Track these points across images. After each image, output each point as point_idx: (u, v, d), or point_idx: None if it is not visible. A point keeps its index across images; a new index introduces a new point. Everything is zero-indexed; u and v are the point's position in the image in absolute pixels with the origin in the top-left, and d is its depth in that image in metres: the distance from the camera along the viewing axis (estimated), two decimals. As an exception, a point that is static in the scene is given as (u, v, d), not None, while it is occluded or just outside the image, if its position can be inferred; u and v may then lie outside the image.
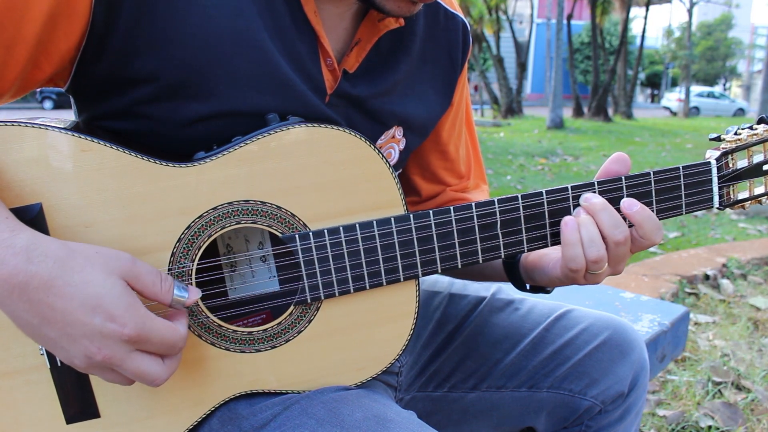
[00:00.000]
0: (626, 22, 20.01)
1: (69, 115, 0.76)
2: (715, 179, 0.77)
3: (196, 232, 0.65)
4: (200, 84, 0.65)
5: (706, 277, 3.08)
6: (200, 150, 0.66)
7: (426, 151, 0.95)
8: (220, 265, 0.74)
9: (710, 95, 34.67)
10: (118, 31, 0.62)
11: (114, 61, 0.63)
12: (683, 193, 0.77)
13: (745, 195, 0.80)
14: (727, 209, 0.80)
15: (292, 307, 0.69)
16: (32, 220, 0.60)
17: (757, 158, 0.78)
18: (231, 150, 0.65)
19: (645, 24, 20.80)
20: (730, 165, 0.78)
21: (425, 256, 0.71)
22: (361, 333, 0.72)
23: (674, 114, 29.93)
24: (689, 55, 28.10)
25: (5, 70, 0.60)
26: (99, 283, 0.55)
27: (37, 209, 0.61)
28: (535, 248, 0.75)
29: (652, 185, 0.75)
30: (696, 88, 36.21)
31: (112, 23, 0.62)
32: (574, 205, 0.74)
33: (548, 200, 0.73)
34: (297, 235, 0.67)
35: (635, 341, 0.95)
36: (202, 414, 0.70)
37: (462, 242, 0.72)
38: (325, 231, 0.68)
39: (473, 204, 0.71)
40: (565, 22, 17.26)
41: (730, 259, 3.28)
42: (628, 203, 0.73)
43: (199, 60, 0.64)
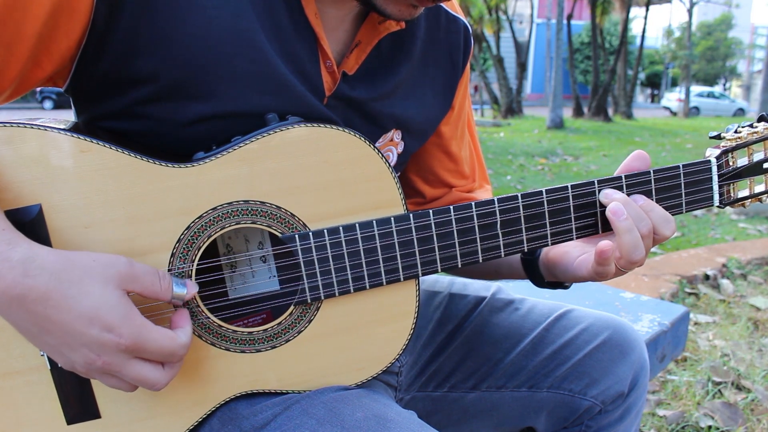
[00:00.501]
0: (626, 22, 20.02)
1: (69, 115, 0.76)
2: (715, 177, 0.78)
3: (195, 232, 0.65)
4: (200, 84, 0.65)
5: (706, 277, 3.08)
6: (200, 150, 0.66)
7: (429, 153, 0.94)
8: (220, 265, 0.74)
9: (710, 95, 34.67)
10: (118, 30, 0.62)
11: (114, 61, 0.63)
12: (683, 191, 0.77)
13: (746, 193, 0.80)
14: (728, 208, 0.80)
15: (292, 307, 0.69)
16: (32, 221, 0.60)
17: (758, 156, 0.78)
18: (230, 150, 0.65)
19: (645, 24, 20.80)
20: (731, 163, 0.78)
21: (425, 255, 0.71)
22: (361, 333, 0.72)
23: (674, 114, 29.93)
24: (689, 55, 28.11)
25: (5, 68, 0.60)
26: (96, 295, 0.55)
27: (36, 210, 0.61)
28: (535, 247, 0.75)
29: (652, 184, 0.75)
30: (696, 88, 36.21)
31: (114, 22, 0.62)
32: (574, 204, 0.74)
33: (548, 199, 0.73)
34: (297, 235, 0.67)
35: (635, 341, 0.95)
36: (203, 414, 0.70)
37: (462, 242, 0.72)
38: (325, 231, 0.68)
39: (473, 203, 0.71)
40: (565, 22, 17.27)
41: (730, 259, 3.28)
42: (634, 198, 0.74)
43: (199, 60, 0.64)
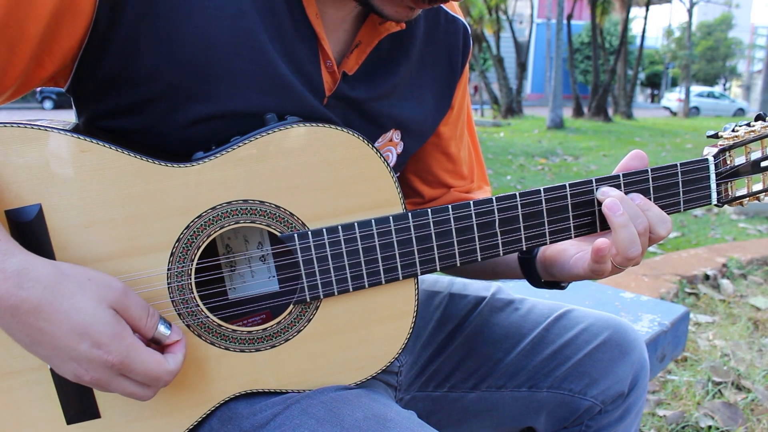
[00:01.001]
0: (626, 22, 20.02)
1: (69, 116, 0.76)
2: (712, 176, 0.78)
3: (195, 231, 0.65)
4: (200, 84, 0.65)
5: (706, 277, 3.07)
6: (199, 150, 0.66)
7: (428, 153, 0.95)
8: (219, 264, 0.74)
9: (710, 95, 34.66)
10: (120, 31, 0.62)
11: (115, 61, 0.63)
12: (681, 190, 0.77)
13: (743, 192, 0.80)
14: (727, 208, 0.81)
15: (291, 306, 0.69)
16: (32, 220, 0.61)
17: (755, 155, 0.78)
18: (230, 150, 0.65)
19: (645, 24, 20.80)
20: (728, 162, 0.78)
21: (424, 254, 0.71)
22: (361, 332, 0.72)
23: (674, 114, 29.92)
24: (689, 55, 28.10)
25: (8, 67, 0.60)
26: (89, 312, 0.56)
27: (36, 210, 0.61)
28: (533, 246, 0.75)
29: (650, 182, 0.76)
30: (696, 88, 36.20)
31: (116, 22, 0.62)
32: (572, 203, 0.74)
33: (546, 198, 0.73)
34: (296, 235, 0.67)
35: (635, 341, 0.95)
36: (202, 414, 0.70)
37: (460, 241, 0.72)
38: (324, 230, 0.68)
39: (471, 202, 0.71)
40: (565, 22, 17.27)
41: (730, 259, 3.27)
42: (632, 196, 0.74)
43: (200, 61, 0.65)
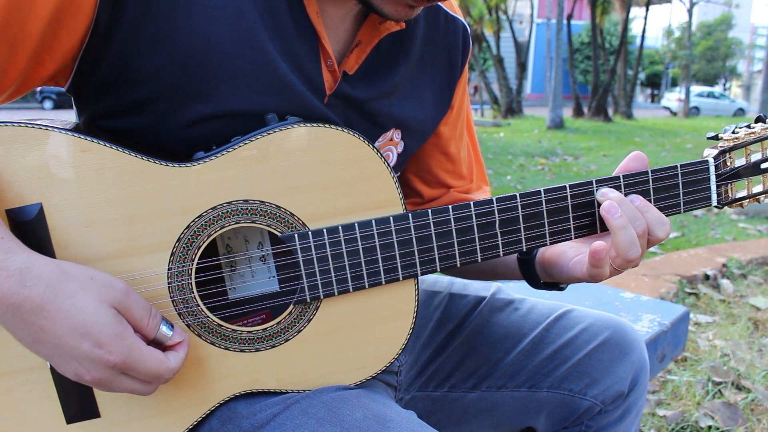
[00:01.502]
0: (626, 22, 20.02)
1: (69, 115, 0.76)
2: (713, 177, 0.78)
3: (195, 231, 0.65)
4: (201, 84, 0.65)
5: (706, 277, 3.08)
6: (200, 150, 0.66)
7: (427, 153, 0.95)
8: (219, 264, 0.74)
9: (710, 95, 34.66)
10: (121, 30, 0.62)
11: (115, 60, 0.63)
12: (681, 191, 0.77)
13: (744, 193, 0.80)
14: (727, 208, 0.80)
15: (291, 306, 0.69)
16: (32, 220, 0.61)
17: (755, 157, 0.78)
18: (230, 150, 0.65)
19: (645, 24, 20.80)
20: (728, 163, 0.78)
21: (424, 255, 0.71)
22: (361, 332, 0.72)
23: (674, 114, 29.92)
24: (689, 55, 28.10)
25: (9, 66, 0.60)
26: (90, 311, 0.56)
27: (37, 209, 0.61)
28: (533, 246, 0.75)
29: (650, 183, 0.76)
30: (696, 88, 36.19)
31: (116, 21, 0.62)
32: (572, 204, 0.74)
33: (546, 199, 0.73)
34: (296, 235, 0.67)
35: (635, 341, 0.95)
36: (202, 413, 0.70)
37: (461, 241, 0.72)
38: (324, 230, 0.68)
39: (472, 203, 0.71)
40: (565, 22, 17.26)
41: (730, 259, 3.27)
42: (631, 198, 0.74)
43: (200, 60, 0.65)
